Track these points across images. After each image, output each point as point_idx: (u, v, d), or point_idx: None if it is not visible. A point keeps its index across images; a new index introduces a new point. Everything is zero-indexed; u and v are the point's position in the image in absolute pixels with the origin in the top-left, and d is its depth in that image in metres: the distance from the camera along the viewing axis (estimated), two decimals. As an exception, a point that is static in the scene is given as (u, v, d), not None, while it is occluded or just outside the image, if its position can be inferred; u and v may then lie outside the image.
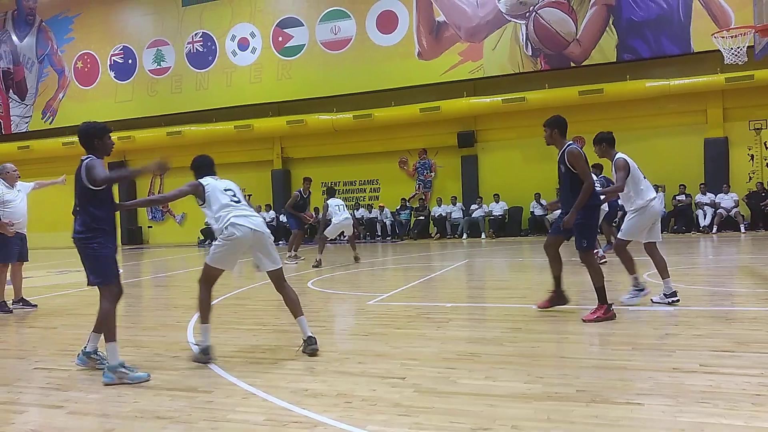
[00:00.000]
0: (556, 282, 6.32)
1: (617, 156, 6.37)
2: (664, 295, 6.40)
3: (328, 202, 12.33)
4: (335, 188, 13.21)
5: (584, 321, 5.67)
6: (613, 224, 11.26)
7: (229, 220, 4.83)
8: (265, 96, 21.06)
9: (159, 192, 23.45)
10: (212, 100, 21.64)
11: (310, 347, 4.92)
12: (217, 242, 4.91)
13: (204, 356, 4.73)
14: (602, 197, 6.56)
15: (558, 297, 6.32)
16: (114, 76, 23.13)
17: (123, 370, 4.35)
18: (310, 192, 13.58)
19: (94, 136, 4.55)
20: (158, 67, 22.53)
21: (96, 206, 4.46)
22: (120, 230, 23.52)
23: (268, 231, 5.04)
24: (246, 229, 4.83)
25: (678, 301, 6.34)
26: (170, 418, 3.62)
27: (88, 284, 4.58)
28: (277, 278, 5.04)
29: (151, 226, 23.92)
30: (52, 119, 23.98)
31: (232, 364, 4.66)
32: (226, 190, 5.01)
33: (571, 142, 6.04)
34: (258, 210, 5.21)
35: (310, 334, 4.99)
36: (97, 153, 4.54)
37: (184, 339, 5.76)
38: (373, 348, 5.10)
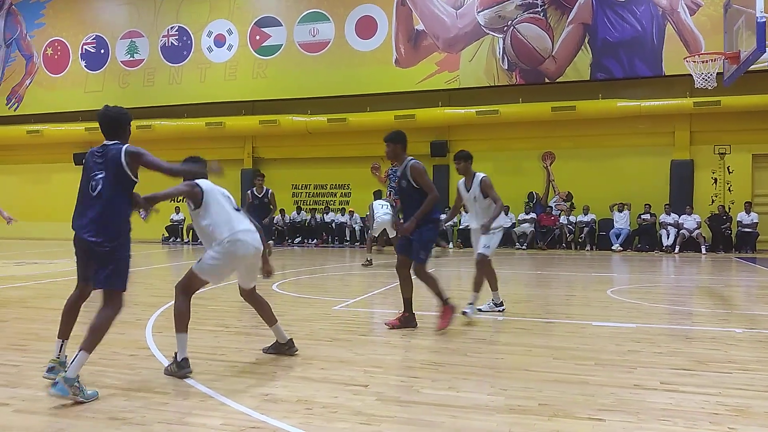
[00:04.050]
0: (406, 304, 6.08)
1: (483, 175, 6.75)
2: (494, 304, 7.01)
3: (372, 203, 13.13)
4: (380, 191, 13.91)
5: (440, 329, 5.79)
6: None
7: (236, 234, 4.45)
8: (239, 94, 20.84)
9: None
10: (185, 95, 21.31)
11: (291, 349, 4.91)
12: (213, 253, 4.45)
13: (180, 370, 4.31)
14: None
15: (408, 319, 6.07)
16: (85, 66, 22.63)
17: (77, 385, 3.76)
18: (268, 191, 11.21)
19: (126, 122, 4.17)
20: (131, 58, 22.12)
21: (126, 201, 4.05)
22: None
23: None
24: (251, 247, 4.52)
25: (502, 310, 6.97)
26: (124, 419, 3.49)
27: (101, 287, 4.04)
28: (250, 292, 4.86)
29: (115, 221, 23.36)
30: (18, 106, 23.32)
31: (191, 366, 4.53)
32: (225, 196, 4.62)
33: (411, 157, 6.01)
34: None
35: (289, 338, 4.95)
36: (123, 141, 4.12)
37: (142, 337, 5.61)
38: (336, 354, 5.03)
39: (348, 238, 19.86)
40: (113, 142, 4.10)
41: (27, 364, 4.63)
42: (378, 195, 13.69)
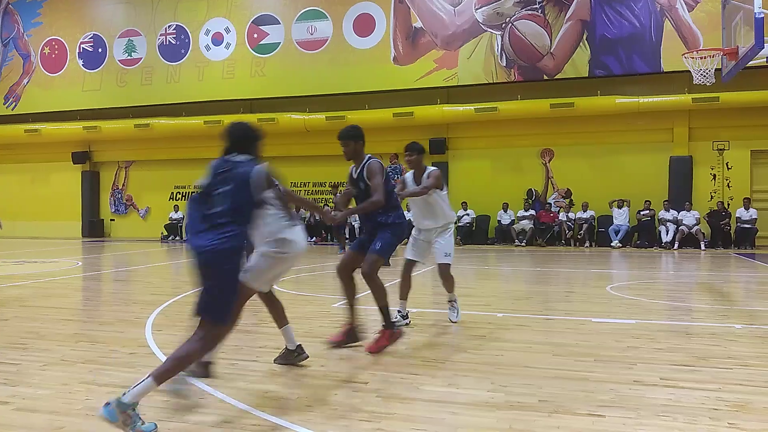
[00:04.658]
0: (351, 312, 5.26)
1: (434, 168, 6.16)
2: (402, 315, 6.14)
3: None
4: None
5: (370, 353, 4.89)
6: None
7: (284, 231, 4.00)
8: (237, 92, 20.80)
9: (124, 185, 23.01)
10: (183, 93, 21.27)
11: (300, 356, 4.52)
12: (265, 254, 4.00)
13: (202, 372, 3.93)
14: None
15: (352, 333, 5.18)
16: (82, 64, 22.57)
17: (130, 413, 3.14)
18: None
19: (257, 139, 3.88)
20: (129, 57, 22.07)
21: (253, 217, 3.61)
22: (81, 222, 22.95)
23: None
24: (302, 245, 4.11)
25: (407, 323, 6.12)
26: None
27: (198, 314, 3.43)
28: (266, 293, 4.50)
29: (113, 219, 23.37)
30: (15, 105, 23.26)
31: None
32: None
33: (371, 155, 5.36)
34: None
35: (299, 343, 4.57)
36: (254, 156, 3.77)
37: (141, 335, 5.60)
38: (336, 351, 5.03)
39: (347, 236, 19.83)
40: (248, 157, 3.75)
41: (27, 363, 4.62)
42: None
